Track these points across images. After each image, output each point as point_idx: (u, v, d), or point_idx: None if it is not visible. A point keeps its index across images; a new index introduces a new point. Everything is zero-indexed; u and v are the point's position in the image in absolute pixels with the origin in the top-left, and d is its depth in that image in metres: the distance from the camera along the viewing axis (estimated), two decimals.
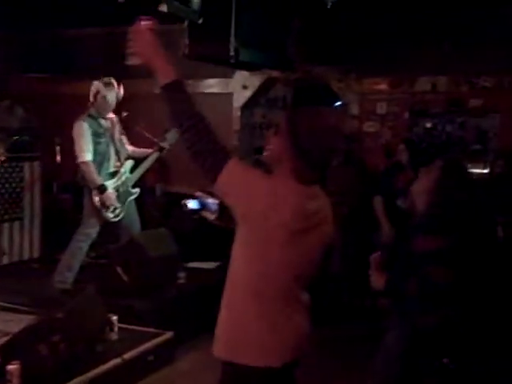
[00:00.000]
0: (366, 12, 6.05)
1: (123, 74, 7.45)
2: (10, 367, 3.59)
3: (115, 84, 5.55)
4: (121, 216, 5.64)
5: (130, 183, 5.73)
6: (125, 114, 5.88)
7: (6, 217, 6.96)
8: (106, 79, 5.55)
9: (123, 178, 5.68)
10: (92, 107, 5.54)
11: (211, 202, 2.42)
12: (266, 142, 8.08)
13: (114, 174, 5.63)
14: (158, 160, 6.36)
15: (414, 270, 2.83)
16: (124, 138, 5.82)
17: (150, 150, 5.85)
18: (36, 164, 7.25)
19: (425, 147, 6.50)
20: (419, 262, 2.82)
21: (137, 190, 5.79)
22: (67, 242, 5.67)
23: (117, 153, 5.69)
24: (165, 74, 2.13)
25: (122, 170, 5.70)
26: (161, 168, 7.12)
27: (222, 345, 2.20)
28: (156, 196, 7.52)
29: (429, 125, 6.75)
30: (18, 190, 7.05)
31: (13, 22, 6.83)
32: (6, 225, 6.98)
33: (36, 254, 7.32)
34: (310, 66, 6.79)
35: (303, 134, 2.10)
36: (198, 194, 2.47)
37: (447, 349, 2.92)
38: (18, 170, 7.04)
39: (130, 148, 5.88)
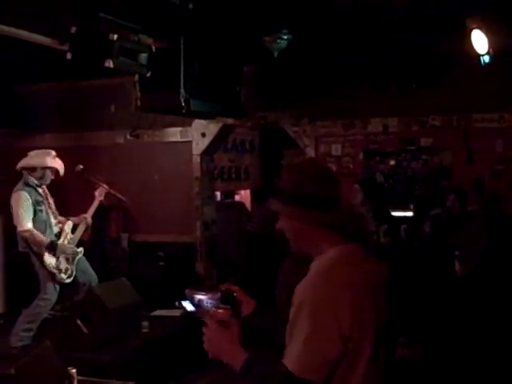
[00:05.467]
0: (315, 57, 6.23)
1: (80, 127, 7.60)
2: None
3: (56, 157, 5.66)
4: (73, 276, 5.72)
5: (74, 243, 5.82)
6: (80, 167, 5.95)
7: None
8: (49, 151, 5.66)
9: (68, 238, 5.77)
10: (31, 176, 5.60)
11: (205, 298, 2.24)
12: (234, 186, 8.14)
13: (58, 236, 5.72)
14: (121, 211, 6.46)
15: None
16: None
17: (75, 218, 5.94)
18: None
19: (380, 185, 6.64)
20: None
21: (81, 248, 5.88)
22: (32, 297, 5.69)
23: (55, 217, 5.79)
24: (237, 362, 1.93)
25: (66, 229, 5.80)
26: (125, 218, 7.16)
27: None
28: (121, 246, 7.53)
29: (393, 162, 6.91)
30: None
31: None
32: None
33: (0, 310, 7.25)
34: (264, 113, 6.95)
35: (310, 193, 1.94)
36: (187, 292, 2.25)
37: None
38: None
39: (60, 219, 5.95)
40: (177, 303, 2.16)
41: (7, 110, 7.42)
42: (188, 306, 2.25)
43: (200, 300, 2.19)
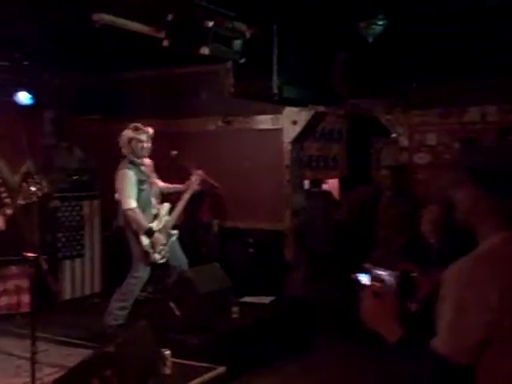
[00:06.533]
0: (410, 43, 6.06)
1: (173, 114, 7.75)
2: None
3: (144, 127, 5.73)
4: (166, 257, 5.81)
5: (169, 225, 5.91)
6: (174, 152, 6.06)
7: (68, 254, 7.22)
8: (134, 125, 5.74)
9: (164, 221, 5.87)
10: (130, 155, 5.73)
11: (385, 274, 2.27)
12: (322, 174, 8.10)
13: (155, 217, 5.82)
14: (213, 197, 6.55)
15: None
16: (156, 178, 6.00)
17: (181, 186, 5.99)
18: (95, 202, 7.52)
19: None
20: None
21: (175, 231, 5.96)
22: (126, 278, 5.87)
23: (156, 197, 5.90)
24: (391, 337, 1.96)
25: (162, 212, 5.89)
26: (214, 204, 7.26)
27: None
28: (212, 232, 7.65)
29: None
30: (78, 227, 7.32)
31: (69, 68, 7.18)
32: (68, 261, 7.24)
33: (97, 289, 7.55)
34: (357, 100, 6.84)
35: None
36: (367, 265, 2.30)
37: None
38: (77, 208, 7.32)
39: (161, 185, 6.05)
40: (353, 275, 2.16)
41: (104, 97, 7.67)
42: (364, 279, 2.26)
43: (377, 275, 2.19)
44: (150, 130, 5.74)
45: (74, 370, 4.04)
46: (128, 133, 5.70)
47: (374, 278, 2.08)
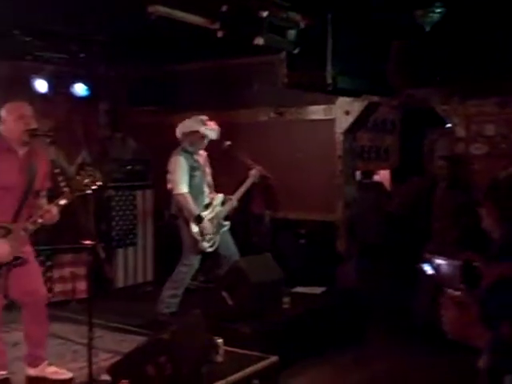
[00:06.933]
0: (468, 32, 5.92)
1: (225, 105, 7.78)
2: None
3: (211, 124, 5.78)
4: (215, 246, 5.85)
5: (222, 215, 5.94)
6: (227, 143, 6.08)
7: (121, 243, 7.36)
8: (201, 118, 5.78)
9: (216, 210, 5.90)
10: (186, 143, 5.78)
11: (444, 264, 2.28)
12: (373, 165, 8.00)
13: (207, 206, 5.86)
14: (265, 188, 6.57)
15: None
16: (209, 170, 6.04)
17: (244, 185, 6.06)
18: (148, 192, 7.64)
19: None
20: None
21: (228, 222, 5.98)
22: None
23: (209, 187, 5.94)
24: (481, 343, 1.95)
25: (215, 202, 5.93)
26: (266, 196, 7.27)
27: None
28: (262, 222, 7.67)
29: None
30: (131, 217, 7.45)
31: (124, 60, 7.29)
32: (121, 250, 7.38)
33: (149, 278, 7.67)
34: (412, 90, 6.72)
35: None
36: (427, 255, 2.30)
37: None
38: (131, 198, 7.45)
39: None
40: (418, 265, 2.14)
41: (157, 88, 7.77)
42: (428, 268, 2.24)
43: (439, 265, 2.16)
44: (217, 128, 5.80)
45: (129, 356, 4.11)
46: (195, 125, 5.74)
47: (439, 267, 2.06)
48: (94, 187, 3.94)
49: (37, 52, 6.65)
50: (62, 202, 3.97)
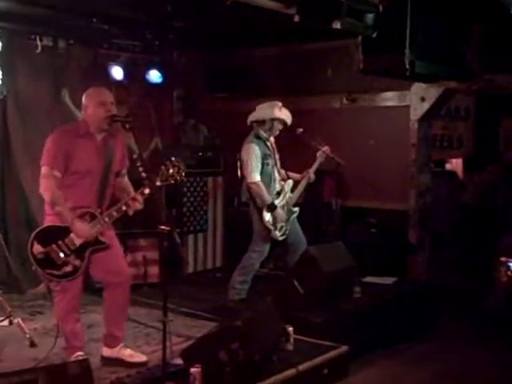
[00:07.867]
0: None
1: (297, 91, 7.71)
2: (193, 370, 3.82)
3: (287, 111, 5.73)
4: (286, 234, 5.81)
5: (292, 202, 5.90)
6: (300, 130, 6.02)
7: (191, 228, 7.42)
8: (279, 105, 5.73)
9: (287, 197, 5.86)
10: (261, 129, 5.75)
11: None
12: (446, 154, 7.82)
13: (279, 194, 5.82)
14: (336, 175, 6.49)
15: None
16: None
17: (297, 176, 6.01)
18: (219, 179, 7.66)
19: None
20: None
21: (297, 208, 5.93)
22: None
23: (280, 174, 5.90)
24: None
25: (286, 188, 5.89)
26: (337, 183, 7.18)
27: None
28: (333, 210, 7.58)
29: None
30: (201, 203, 7.50)
31: (197, 47, 7.33)
32: (191, 236, 7.45)
33: (219, 264, 7.72)
34: (492, 75, 6.47)
35: None
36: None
37: None
38: (202, 184, 7.49)
39: (293, 176, 6.06)
40: (503, 260, 2.06)
41: (230, 75, 7.77)
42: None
43: None
44: (289, 116, 5.77)
45: (201, 341, 4.15)
46: (272, 111, 5.70)
47: None
48: (178, 178, 3.96)
49: (113, 40, 6.77)
50: (147, 191, 4.02)
